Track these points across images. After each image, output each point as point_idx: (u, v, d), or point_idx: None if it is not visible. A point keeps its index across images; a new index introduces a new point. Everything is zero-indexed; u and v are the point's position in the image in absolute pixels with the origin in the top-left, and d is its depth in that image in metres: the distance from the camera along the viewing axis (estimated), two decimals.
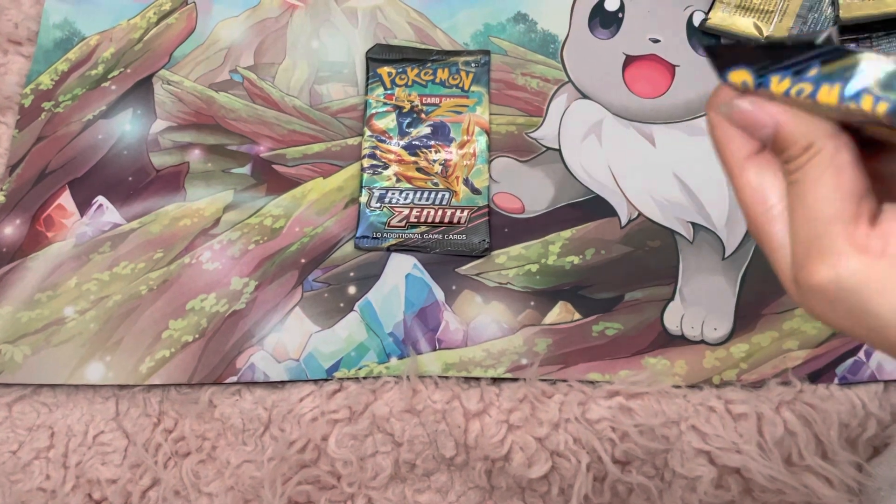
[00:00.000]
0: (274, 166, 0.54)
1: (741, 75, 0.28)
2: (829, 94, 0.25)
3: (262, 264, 0.51)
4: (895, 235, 0.25)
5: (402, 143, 0.53)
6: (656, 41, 0.57)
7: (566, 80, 0.56)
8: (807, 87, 0.26)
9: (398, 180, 0.52)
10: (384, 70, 0.55)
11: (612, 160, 0.53)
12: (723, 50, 0.28)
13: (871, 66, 0.24)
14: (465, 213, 0.52)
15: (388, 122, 0.54)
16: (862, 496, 0.46)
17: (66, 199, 0.52)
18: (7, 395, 0.49)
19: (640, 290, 0.50)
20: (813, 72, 0.26)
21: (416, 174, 0.53)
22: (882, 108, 0.23)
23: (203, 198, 0.53)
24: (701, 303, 0.50)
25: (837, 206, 0.26)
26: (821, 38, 0.25)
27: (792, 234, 0.28)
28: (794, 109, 0.27)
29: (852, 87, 0.24)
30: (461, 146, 0.53)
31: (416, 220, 0.52)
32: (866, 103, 0.24)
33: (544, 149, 0.54)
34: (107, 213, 0.52)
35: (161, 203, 0.52)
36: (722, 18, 0.56)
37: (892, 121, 0.24)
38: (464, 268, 0.51)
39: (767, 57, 0.27)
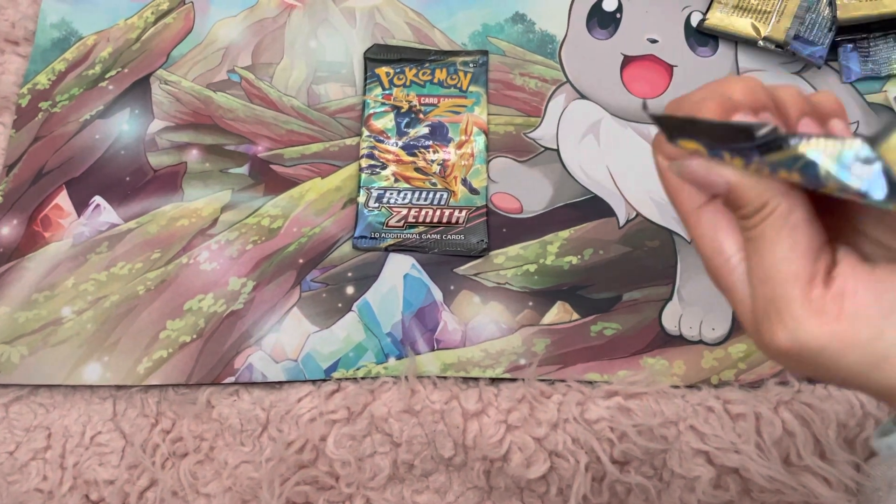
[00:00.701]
0: (272, 166, 0.53)
1: (693, 145, 0.27)
2: (789, 176, 0.25)
3: (259, 264, 0.51)
4: (850, 294, 0.25)
5: (400, 143, 0.53)
6: (654, 41, 0.57)
7: (564, 80, 0.56)
8: (763, 168, 0.26)
9: (396, 180, 0.52)
10: (382, 70, 0.55)
11: (611, 160, 0.54)
12: (671, 121, 0.28)
13: (818, 155, 0.24)
14: (464, 213, 0.52)
15: (387, 122, 0.54)
16: (860, 496, 0.46)
17: (63, 199, 0.52)
18: (4, 395, 0.48)
19: (639, 290, 0.50)
20: (758, 158, 0.26)
21: (415, 174, 0.53)
22: (856, 185, 0.23)
23: (201, 198, 0.53)
24: (699, 303, 0.50)
25: (793, 267, 0.26)
26: (762, 131, 0.25)
27: (751, 291, 0.27)
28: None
29: (813, 174, 0.24)
30: (459, 146, 0.53)
31: (414, 221, 0.52)
32: (833, 187, 0.24)
33: (542, 149, 0.54)
34: (104, 213, 0.52)
35: (158, 203, 0.52)
36: (720, 19, 0.56)
37: (868, 200, 0.23)
38: (462, 268, 0.51)
39: (714, 137, 0.27)
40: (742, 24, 0.56)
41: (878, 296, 0.25)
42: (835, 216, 0.28)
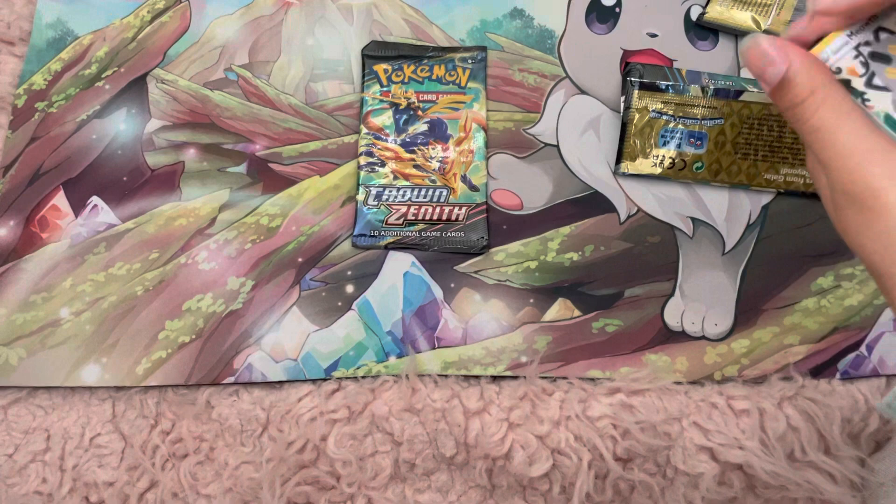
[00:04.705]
0: (270, 165, 0.53)
1: None
2: None
3: (258, 264, 0.51)
4: None
5: (398, 140, 0.53)
6: (654, 36, 0.56)
7: (563, 75, 0.56)
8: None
9: (395, 178, 0.52)
10: (380, 67, 0.55)
11: (611, 156, 0.53)
12: None
13: None
14: (463, 210, 0.51)
15: (385, 119, 0.54)
16: (864, 491, 0.46)
17: (60, 200, 0.52)
18: (2, 397, 0.48)
19: (640, 286, 0.50)
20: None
21: (414, 171, 0.52)
22: None
23: (198, 197, 0.52)
24: (701, 298, 0.50)
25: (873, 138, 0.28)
26: None
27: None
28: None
29: None
30: (458, 143, 0.53)
31: (413, 218, 0.51)
32: None
33: (542, 145, 0.54)
34: (101, 213, 0.52)
35: (156, 203, 0.52)
36: (719, 12, 0.56)
37: None
38: (462, 265, 0.51)
39: None
40: (742, 17, 0.55)
41: None
42: None
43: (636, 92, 0.52)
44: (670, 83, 0.51)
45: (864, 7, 0.31)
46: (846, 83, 0.32)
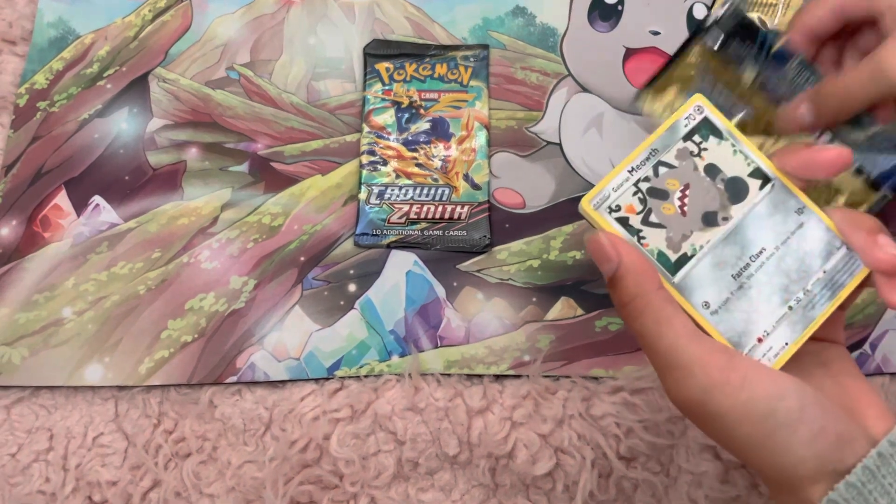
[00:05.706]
0: (272, 164, 0.53)
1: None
2: None
3: (260, 263, 0.50)
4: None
5: (400, 138, 0.53)
6: (656, 33, 0.56)
7: (566, 73, 0.55)
8: None
9: (397, 176, 0.52)
10: (382, 66, 0.55)
11: (614, 154, 0.53)
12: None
13: None
14: (466, 208, 0.51)
15: (387, 117, 0.53)
16: None
17: (62, 199, 0.52)
18: (5, 397, 0.48)
19: None
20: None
21: (416, 170, 0.52)
22: None
23: (201, 196, 0.52)
24: None
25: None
26: None
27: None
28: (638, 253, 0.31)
29: None
30: (461, 141, 0.53)
31: (416, 217, 0.51)
32: None
33: (545, 143, 0.54)
34: (104, 212, 0.52)
35: (158, 202, 0.52)
36: None
37: None
38: (465, 264, 0.51)
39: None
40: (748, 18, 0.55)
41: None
42: None
43: (706, 53, 0.45)
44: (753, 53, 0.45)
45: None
46: (624, 221, 0.33)
